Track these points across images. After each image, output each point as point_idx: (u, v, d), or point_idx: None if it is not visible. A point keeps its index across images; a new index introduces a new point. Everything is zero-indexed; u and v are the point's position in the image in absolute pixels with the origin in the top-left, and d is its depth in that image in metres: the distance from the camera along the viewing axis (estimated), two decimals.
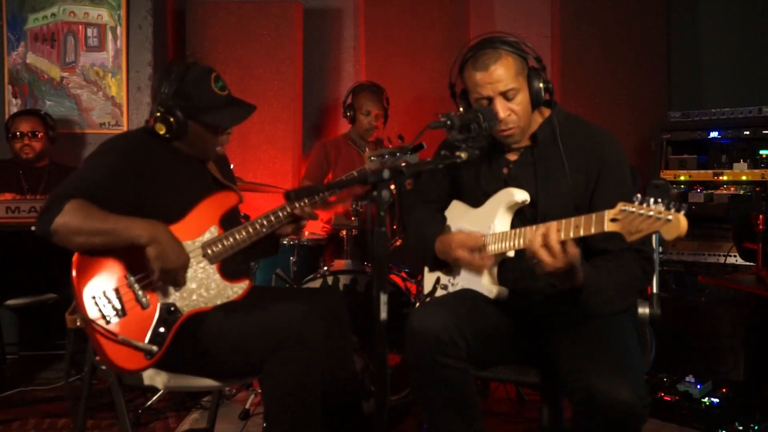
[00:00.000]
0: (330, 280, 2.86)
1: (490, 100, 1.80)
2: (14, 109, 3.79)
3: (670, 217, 1.32)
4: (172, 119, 1.90)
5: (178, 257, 1.79)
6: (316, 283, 2.85)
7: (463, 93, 1.90)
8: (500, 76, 1.77)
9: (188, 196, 1.95)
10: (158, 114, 1.91)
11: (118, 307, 1.76)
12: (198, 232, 1.92)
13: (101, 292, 1.75)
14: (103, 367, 1.88)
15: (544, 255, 1.53)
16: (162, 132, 1.91)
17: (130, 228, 1.74)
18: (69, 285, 1.76)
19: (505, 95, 1.79)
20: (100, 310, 1.74)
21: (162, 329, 1.81)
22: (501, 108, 1.79)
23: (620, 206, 1.42)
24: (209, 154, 2.05)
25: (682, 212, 1.32)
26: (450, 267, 1.95)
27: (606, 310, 1.69)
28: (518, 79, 1.79)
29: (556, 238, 1.52)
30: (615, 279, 1.69)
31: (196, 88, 1.92)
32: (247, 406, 2.76)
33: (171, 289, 1.85)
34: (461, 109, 1.90)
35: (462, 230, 1.87)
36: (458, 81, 1.90)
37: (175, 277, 1.82)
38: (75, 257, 1.75)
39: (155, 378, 1.85)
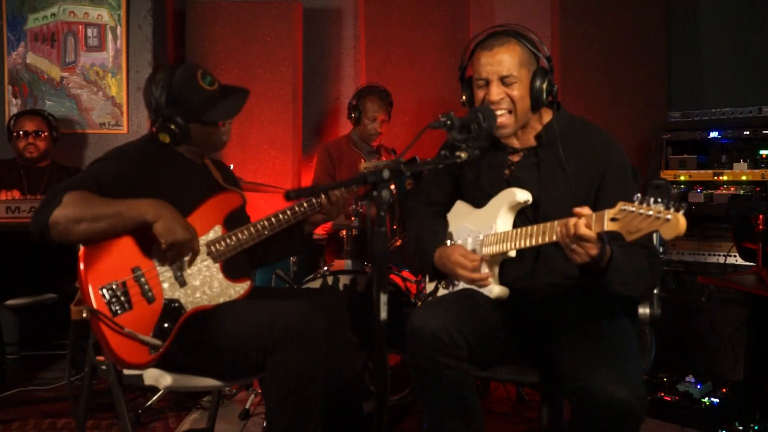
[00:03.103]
0: (330, 280, 2.85)
1: (488, 83, 1.79)
2: (14, 109, 3.78)
3: (669, 216, 1.32)
4: (173, 126, 1.93)
5: (186, 230, 1.81)
6: (316, 283, 2.85)
7: (469, 81, 1.88)
8: (502, 60, 1.76)
9: (192, 198, 1.96)
10: (158, 124, 1.93)
11: (125, 300, 1.77)
12: (202, 230, 1.94)
13: (108, 285, 1.76)
14: (104, 367, 1.88)
15: (577, 247, 1.50)
16: (167, 141, 1.94)
17: (135, 207, 1.76)
18: (70, 283, 1.76)
19: (504, 80, 1.77)
20: (106, 303, 1.74)
21: (166, 324, 1.82)
22: (495, 91, 1.77)
23: (620, 205, 1.41)
24: (217, 146, 2.09)
25: (681, 212, 1.32)
26: None
27: (623, 291, 1.64)
28: (521, 70, 1.78)
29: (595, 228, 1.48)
30: (633, 261, 1.64)
31: (186, 89, 1.94)
32: (247, 406, 2.76)
33: (176, 285, 1.86)
34: (464, 97, 1.90)
35: (459, 245, 1.87)
36: (470, 66, 1.88)
37: (184, 250, 1.83)
38: (81, 251, 1.75)
39: (158, 378, 1.84)
